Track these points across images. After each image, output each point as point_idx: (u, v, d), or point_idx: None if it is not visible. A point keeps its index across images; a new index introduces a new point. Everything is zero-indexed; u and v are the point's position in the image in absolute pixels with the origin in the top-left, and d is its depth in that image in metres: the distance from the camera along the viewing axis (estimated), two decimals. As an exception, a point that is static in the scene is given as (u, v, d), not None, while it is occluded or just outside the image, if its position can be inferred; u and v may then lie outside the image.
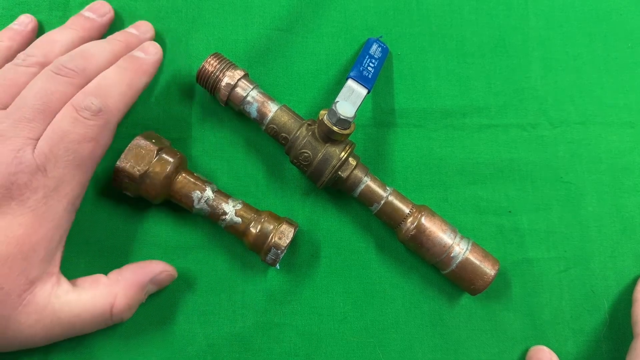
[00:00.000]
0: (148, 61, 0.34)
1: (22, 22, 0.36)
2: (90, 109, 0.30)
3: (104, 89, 0.31)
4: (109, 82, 0.31)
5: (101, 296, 0.31)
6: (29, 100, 0.29)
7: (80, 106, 0.30)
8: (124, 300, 0.31)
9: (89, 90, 0.31)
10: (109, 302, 0.31)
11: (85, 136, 0.30)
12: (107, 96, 0.31)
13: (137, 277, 0.32)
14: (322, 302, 0.36)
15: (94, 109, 0.30)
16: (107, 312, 0.31)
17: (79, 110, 0.30)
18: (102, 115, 0.30)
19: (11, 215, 0.28)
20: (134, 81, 0.33)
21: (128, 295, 0.31)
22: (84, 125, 0.29)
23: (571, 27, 0.40)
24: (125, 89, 0.32)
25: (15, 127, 0.29)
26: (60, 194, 0.29)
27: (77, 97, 0.30)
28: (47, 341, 0.30)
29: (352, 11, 0.39)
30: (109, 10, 0.37)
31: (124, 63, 0.33)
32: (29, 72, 0.31)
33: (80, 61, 0.31)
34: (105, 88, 0.31)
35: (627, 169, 0.38)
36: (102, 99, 0.30)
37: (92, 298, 0.30)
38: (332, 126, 0.31)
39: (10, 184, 0.28)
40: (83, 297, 0.30)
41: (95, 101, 0.30)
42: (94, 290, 0.31)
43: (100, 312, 0.30)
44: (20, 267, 0.28)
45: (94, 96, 0.30)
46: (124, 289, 0.31)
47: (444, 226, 0.34)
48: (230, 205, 0.33)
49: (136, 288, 0.32)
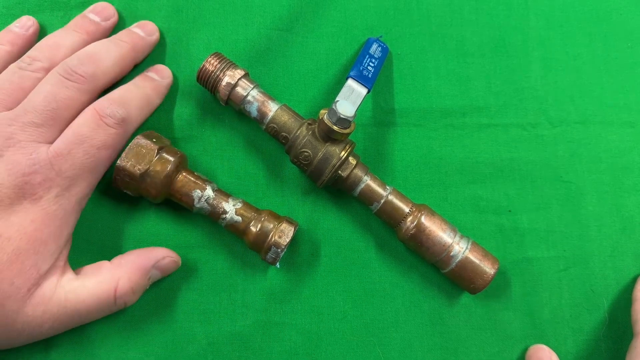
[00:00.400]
0: (163, 84, 0.36)
1: (23, 25, 0.36)
2: (115, 117, 0.31)
3: (127, 101, 0.32)
4: (132, 95, 0.33)
5: (104, 280, 0.31)
6: (38, 104, 0.30)
7: (104, 113, 0.31)
8: (127, 283, 0.32)
9: (114, 99, 0.32)
10: (112, 285, 0.31)
11: (106, 142, 0.31)
12: (130, 108, 0.32)
13: (141, 262, 0.33)
14: (322, 301, 0.36)
15: (118, 117, 0.31)
16: (110, 296, 0.31)
17: (103, 117, 0.31)
18: (124, 125, 0.32)
19: (24, 213, 0.29)
20: (151, 99, 0.35)
21: (131, 279, 0.32)
22: (105, 131, 0.31)
23: (571, 27, 0.40)
24: (144, 105, 0.34)
25: (24, 131, 0.30)
26: (71, 193, 0.30)
27: (101, 103, 0.31)
28: (54, 331, 0.31)
29: (352, 11, 0.39)
30: (114, 14, 0.37)
31: (141, 82, 0.35)
32: (34, 77, 0.32)
33: (90, 66, 0.32)
34: (128, 100, 0.33)
35: (627, 168, 0.38)
36: (126, 109, 0.32)
37: (96, 283, 0.31)
38: (332, 125, 0.31)
39: (24, 184, 0.29)
40: (87, 283, 0.31)
41: (120, 110, 0.31)
42: (97, 276, 0.31)
43: (104, 297, 0.31)
44: (32, 261, 0.29)
45: (119, 105, 0.32)
46: (127, 272, 0.32)
47: (444, 225, 0.34)
48: (231, 204, 0.33)
49: (139, 272, 0.32)
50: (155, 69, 0.36)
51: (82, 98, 0.32)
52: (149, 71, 0.36)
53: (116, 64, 0.33)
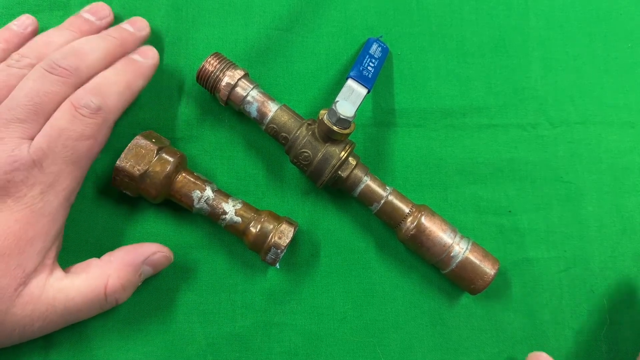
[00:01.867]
0: (145, 64, 0.34)
1: (21, 24, 0.35)
2: (90, 107, 0.30)
3: (103, 89, 0.31)
4: (108, 82, 0.32)
5: (94, 278, 0.31)
6: (21, 100, 0.29)
7: (79, 104, 0.30)
8: (118, 280, 0.31)
9: (88, 88, 0.31)
10: (102, 283, 0.31)
11: (83, 133, 0.30)
12: (106, 95, 0.31)
13: (130, 258, 0.32)
14: (322, 302, 0.36)
15: (93, 107, 0.30)
16: (101, 293, 0.31)
17: (78, 108, 0.30)
18: (101, 114, 0.30)
19: (7, 212, 0.28)
20: (131, 83, 0.33)
21: (121, 276, 0.31)
22: (82, 122, 0.30)
23: (571, 27, 0.40)
24: (123, 90, 0.32)
25: (7, 127, 0.29)
26: (57, 189, 0.29)
27: (76, 94, 0.30)
28: (45, 330, 0.30)
29: (352, 11, 0.39)
30: (109, 14, 0.36)
31: (122, 65, 0.33)
32: (21, 74, 0.31)
33: (74, 59, 0.31)
34: (104, 88, 0.31)
35: (627, 168, 0.38)
36: (101, 98, 0.31)
37: (85, 280, 0.30)
38: (332, 126, 0.31)
39: (6, 182, 0.28)
40: (76, 281, 0.30)
41: (95, 99, 0.30)
42: (87, 274, 0.31)
43: (94, 294, 0.30)
44: (17, 261, 0.28)
45: (93, 95, 0.30)
46: (117, 269, 0.31)
47: (444, 226, 0.34)
48: (230, 204, 0.33)
49: (130, 268, 0.32)
50: (139, 50, 0.35)
51: (67, 92, 0.31)
52: (133, 54, 0.34)
53: (102, 58, 0.32)
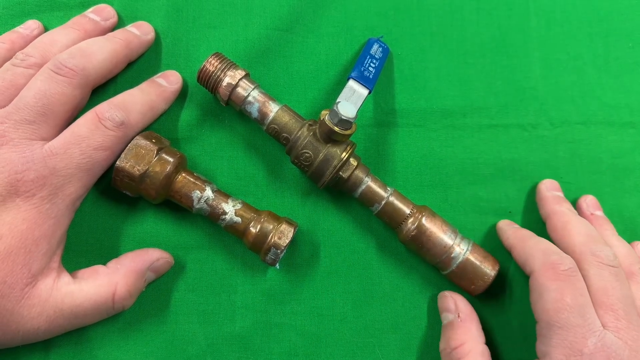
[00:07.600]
0: (170, 90, 0.35)
1: (27, 27, 0.36)
2: (114, 120, 0.31)
3: (128, 105, 0.32)
4: (134, 100, 0.33)
5: (102, 285, 0.31)
6: (29, 101, 0.30)
7: (104, 116, 0.31)
8: (125, 288, 0.32)
9: (115, 103, 0.32)
10: (111, 291, 0.31)
11: (103, 144, 0.31)
12: (130, 112, 0.32)
13: (136, 265, 0.33)
14: (322, 302, 0.36)
15: (117, 120, 0.31)
16: (109, 301, 0.31)
17: (102, 120, 0.31)
18: (122, 128, 0.32)
19: (15, 211, 0.29)
20: (155, 105, 0.34)
21: (128, 283, 0.32)
22: (103, 133, 0.31)
23: (572, 27, 0.40)
24: (146, 110, 0.34)
25: (17, 129, 0.30)
26: (65, 192, 0.30)
27: (102, 106, 0.32)
28: (50, 334, 0.30)
29: (353, 11, 0.39)
30: (113, 15, 0.37)
31: (147, 87, 0.35)
32: (27, 73, 0.32)
33: (80, 60, 0.32)
34: (129, 105, 0.33)
35: (628, 169, 0.38)
36: (126, 113, 0.32)
37: (94, 288, 0.31)
38: (334, 126, 0.31)
39: (16, 181, 0.29)
40: (84, 287, 0.31)
41: (119, 114, 0.31)
42: (95, 281, 0.31)
43: (102, 302, 0.31)
44: (23, 260, 0.29)
45: (119, 109, 0.32)
46: (124, 277, 0.32)
47: (445, 227, 0.34)
48: (230, 205, 0.33)
49: (136, 275, 0.32)
50: (164, 74, 0.36)
51: (74, 92, 0.31)
52: (158, 77, 0.36)
53: (108, 60, 0.33)
